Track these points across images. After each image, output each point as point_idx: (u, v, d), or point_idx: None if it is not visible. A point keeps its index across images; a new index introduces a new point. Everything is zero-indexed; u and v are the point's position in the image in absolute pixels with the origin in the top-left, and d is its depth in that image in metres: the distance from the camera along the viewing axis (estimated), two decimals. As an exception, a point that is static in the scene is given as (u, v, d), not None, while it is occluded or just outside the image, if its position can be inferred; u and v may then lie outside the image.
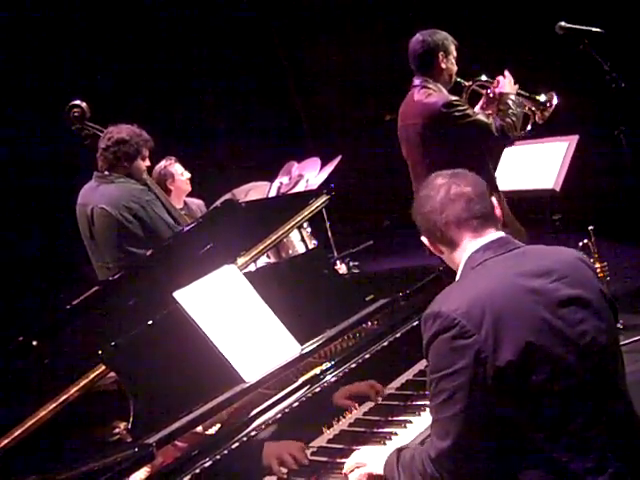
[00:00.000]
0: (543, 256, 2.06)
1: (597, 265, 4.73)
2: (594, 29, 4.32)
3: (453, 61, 4.23)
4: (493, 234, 2.08)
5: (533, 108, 4.27)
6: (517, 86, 4.24)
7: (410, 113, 4.19)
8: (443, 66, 4.18)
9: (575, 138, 4.73)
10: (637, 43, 6.09)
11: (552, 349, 1.89)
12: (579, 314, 1.94)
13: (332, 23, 8.45)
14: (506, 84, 4.21)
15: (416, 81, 4.21)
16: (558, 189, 4.57)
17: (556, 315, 1.91)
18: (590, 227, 4.73)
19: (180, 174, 5.38)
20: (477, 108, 4.29)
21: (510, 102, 4.14)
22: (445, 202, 2.09)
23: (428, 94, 4.10)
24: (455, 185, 2.10)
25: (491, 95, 4.24)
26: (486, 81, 4.30)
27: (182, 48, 7.87)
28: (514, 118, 4.10)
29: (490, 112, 4.19)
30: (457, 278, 2.10)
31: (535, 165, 4.61)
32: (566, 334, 1.91)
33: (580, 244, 4.74)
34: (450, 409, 1.89)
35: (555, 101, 4.22)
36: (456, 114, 4.00)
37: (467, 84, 4.29)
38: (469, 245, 2.07)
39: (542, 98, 4.25)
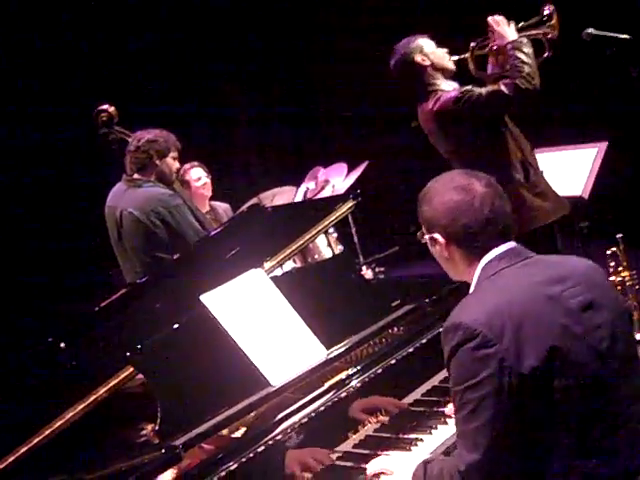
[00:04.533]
0: (556, 264, 2.08)
1: (626, 273, 4.67)
2: (622, 36, 4.27)
3: (436, 50, 4.01)
4: (507, 244, 2.08)
5: (541, 31, 3.96)
6: (513, 24, 3.93)
7: (429, 123, 4.03)
8: (428, 63, 3.97)
9: (604, 144, 4.69)
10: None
11: (574, 354, 1.89)
12: (596, 319, 1.95)
13: (362, 27, 8.46)
14: (501, 32, 3.90)
15: (420, 93, 4.03)
16: (586, 196, 4.53)
17: (575, 321, 1.92)
18: (618, 235, 4.68)
19: (196, 179, 5.36)
20: (489, 69, 4.04)
21: (515, 51, 3.80)
22: (495, 212, 2.06)
23: (435, 99, 3.92)
24: (498, 198, 2.09)
25: (495, 49, 3.95)
26: (481, 41, 4.03)
27: (207, 56, 7.91)
28: (527, 67, 3.76)
29: (504, 69, 3.89)
30: (472, 288, 2.09)
31: (563, 172, 4.57)
32: (586, 339, 1.92)
33: (608, 252, 4.69)
34: (477, 420, 1.88)
35: (551, 8, 3.92)
36: (468, 103, 3.78)
37: (466, 56, 4.03)
38: (484, 256, 2.06)
39: (540, 17, 3.94)
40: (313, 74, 8.84)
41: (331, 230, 4.92)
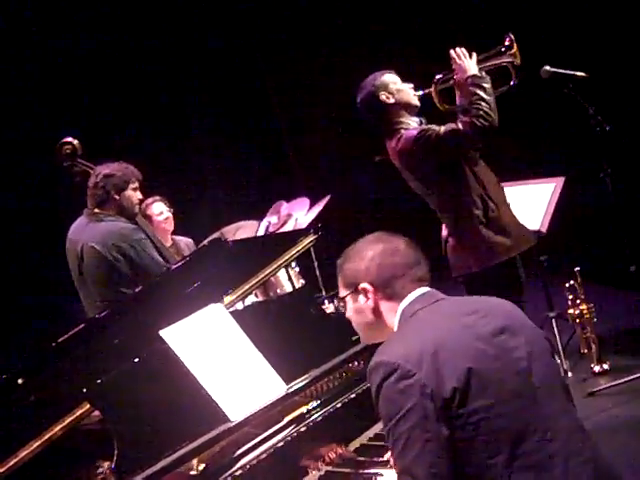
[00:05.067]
0: (470, 301, 2.23)
1: (584, 307, 4.75)
2: (578, 73, 4.37)
3: (401, 86, 3.99)
4: (421, 289, 2.18)
5: (503, 60, 3.98)
6: (475, 56, 3.93)
7: (395, 161, 4.06)
8: (392, 101, 3.96)
9: (561, 180, 4.77)
10: (620, 86, 6.20)
11: (492, 374, 1.96)
12: (512, 342, 2.04)
13: (323, 63, 8.56)
14: (462, 67, 3.90)
15: (385, 131, 4.04)
16: (544, 230, 4.60)
17: (491, 344, 2.01)
18: (576, 268, 4.75)
19: (158, 214, 5.33)
20: (457, 101, 4.00)
21: (474, 87, 3.81)
22: (415, 260, 2.19)
23: (398, 138, 3.94)
24: (417, 247, 2.23)
25: (458, 82, 3.93)
26: (446, 74, 4.01)
27: (175, 88, 7.94)
28: (484, 104, 3.76)
29: (468, 102, 3.86)
30: (395, 330, 2.16)
31: (521, 206, 4.64)
32: (503, 360, 2.00)
33: (566, 285, 4.76)
34: (411, 452, 1.90)
35: (511, 37, 3.95)
36: (427, 142, 3.82)
37: (430, 90, 4.02)
38: (403, 301, 2.16)
39: (501, 48, 3.97)
40: (278, 106, 8.90)
41: (293, 264, 4.92)
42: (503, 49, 3.99)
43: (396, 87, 4.02)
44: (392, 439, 1.95)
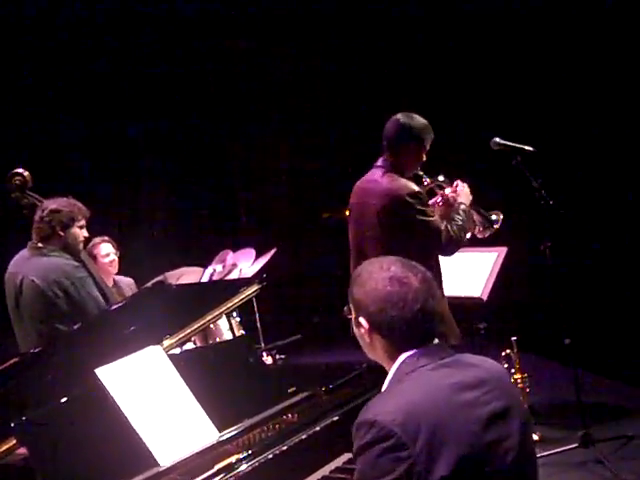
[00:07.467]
0: (474, 365, 2.04)
1: (518, 376, 4.81)
2: (527, 147, 4.51)
3: (423, 154, 4.09)
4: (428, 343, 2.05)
5: (477, 222, 4.26)
6: (471, 197, 4.20)
7: (372, 193, 4.04)
8: (412, 156, 4.06)
9: (504, 250, 4.87)
10: (567, 162, 6.40)
11: (482, 465, 1.88)
12: (505, 430, 1.93)
13: (278, 123, 8.70)
14: (463, 193, 4.16)
15: (380, 161, 4.09)
16: (485, 298, 4.68)
17: (486, 431, 1.90)
18: (513, 338, 4.83)
19: (103, 255, 5.31)
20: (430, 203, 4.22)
21: (462, 214, 4.06)
22: (426, 306, 2.01)
23: (394, 179, 3.99)
24: (431, 297, 2.03)
25: (447, 197, 4.19)
26: (444, 182, 4.25)
27: (126, 127, 7.95)
28: (462, 233, 4.01)
29: (441, 214, 4.12)
30: (387, 382, 2.04)
31: (464, 273, 4.73)
32: (494, 450, 1.90)
33: (503, 354, 4.83)
34: None
35: (499, 223, 4.26)
36: (418, 207, 3.91)
37: (427, 181, 4.22)
38: (405, 352, 2.02)
39: (492, 217, 4.27)
40: (230, 156, 8.99)
41: (234, 314, 4.93)
42: (491, 220, 4.28)
43: (424, 151, 4.10)
44: None
